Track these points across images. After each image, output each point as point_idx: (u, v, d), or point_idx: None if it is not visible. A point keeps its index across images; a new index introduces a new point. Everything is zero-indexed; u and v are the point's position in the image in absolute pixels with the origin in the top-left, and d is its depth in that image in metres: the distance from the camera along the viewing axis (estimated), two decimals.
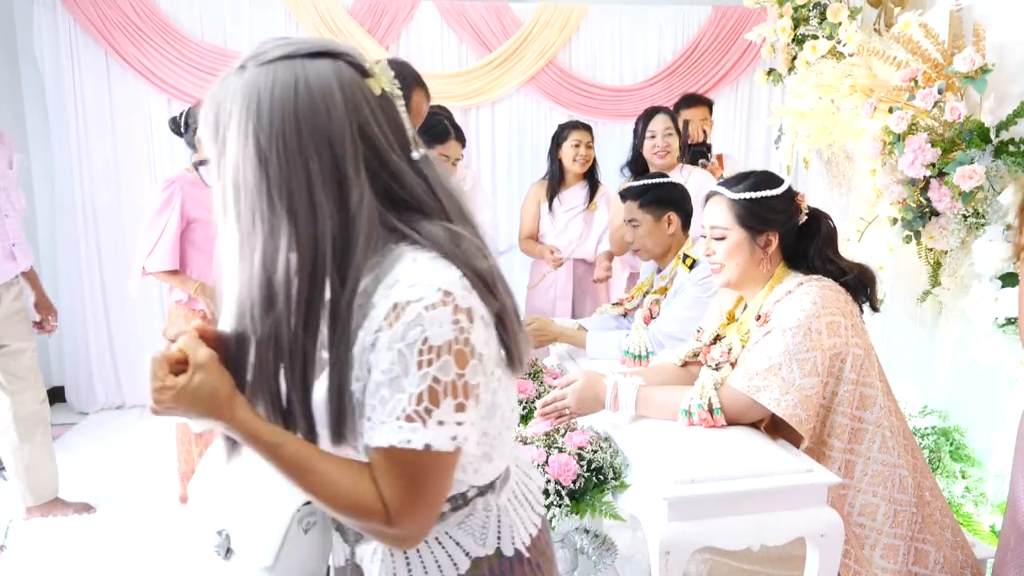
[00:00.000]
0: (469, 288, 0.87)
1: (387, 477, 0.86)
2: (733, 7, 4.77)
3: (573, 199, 3.54)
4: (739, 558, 1.72)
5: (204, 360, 0.86)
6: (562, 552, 1.75)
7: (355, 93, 0.88)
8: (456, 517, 0.98)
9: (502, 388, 0.97)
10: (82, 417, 4.37)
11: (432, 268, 0.86)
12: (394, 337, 0.83)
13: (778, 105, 4.25)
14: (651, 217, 2.37)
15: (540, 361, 2.31)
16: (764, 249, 1.70)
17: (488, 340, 0.89)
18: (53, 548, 2.87)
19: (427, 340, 0.82)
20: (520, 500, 1.05)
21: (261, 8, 4.49)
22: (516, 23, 4.70)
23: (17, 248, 2.73)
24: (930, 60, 2.13)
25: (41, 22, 4.20)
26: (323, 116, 0.85)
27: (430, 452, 0.84)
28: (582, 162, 3.47)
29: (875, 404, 1.62)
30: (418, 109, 2.22)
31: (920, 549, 1.67)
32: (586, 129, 3.53)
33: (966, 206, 2.01)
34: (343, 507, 0.88)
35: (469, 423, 0.86)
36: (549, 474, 1.57)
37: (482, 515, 1.00)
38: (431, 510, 0.89)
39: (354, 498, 0.87)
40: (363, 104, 0.88)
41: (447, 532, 0.98)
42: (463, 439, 0.86)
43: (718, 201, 1.73)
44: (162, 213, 2.83)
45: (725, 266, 1.73)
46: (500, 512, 1.01)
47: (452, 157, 2.55)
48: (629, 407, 1.70)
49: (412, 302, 0.83)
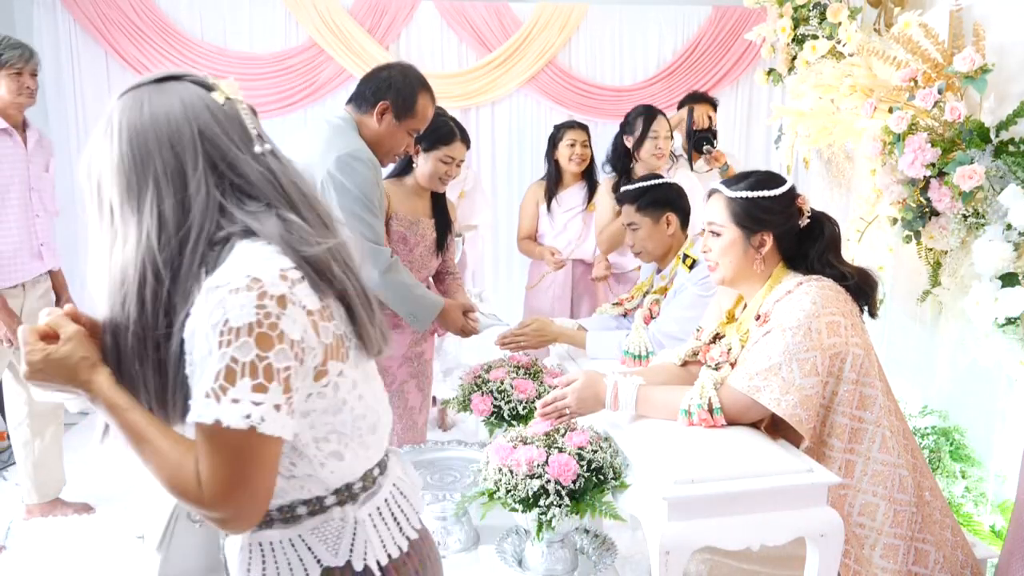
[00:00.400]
0: (291, 278, 0.93)
1: (202, 455, 0.91)
2: (733, 7, 4.77)
3: (571, 199, 3.53)
4: (739, 558, 1.72)
5: (71, 333, 0.97)
6: (562, 552, 1.75)
7: (195, 101, 1.00)
8: (312, 522, 1.02)
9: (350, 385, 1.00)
10: (82, 417, 4.37)
11: (254, 258, 0.93)
12: (203, 319, 0.89)
13: (778, 105, 4.25)
14: (650, 219, 2.37)
15: (540, 361, 2.31)
16: (758, 249, 1.70)
17: (311, 328, 0.94)
18: (53, 548, 2.87)
19: (228, 321, 0.88)
20: (386, 518, 1.07)
21: (261, 8, 4.49)
22: (516, 23, 4.70)
23: (45, 248, 2.85)
24: (930, 60, 2.13)
25: (41, 22, 4.20)
26: (163, 121, 0.97)
27: (233, 432, 0.88)
28: (578, 161, 3.46)
29: (875, 404, 1.62)
30: (423, 112, 2.24)
31: (920, 549, 1.67)
32: (582, 128, 3.53)
33: (966, 206, 2.01)
34: (168, 481, 0.93)
35: (271, 405, 0.89)
36: (549, 474, 1.57)
37: (337, 524, 1.03)
38: (248, 496, 0.91)
39: (177, 472, 0.92)
40: (203, 110, 0.99)
41: (301, 536, 1.02)
42: (259, 420, 0.88)
43: (717, 198, 1.75)
44: None
45: (720, 263, 1.75)
46: (357, 524, 1.03)
47: (457, 158, 2.54)
48: (629, 407, 1.70)
49: (220, 287, 0.90)
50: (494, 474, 1.62)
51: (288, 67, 4.51)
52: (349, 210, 2.09)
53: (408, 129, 2.23)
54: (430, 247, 2.61)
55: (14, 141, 2.77)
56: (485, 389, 2.11)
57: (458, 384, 2.22)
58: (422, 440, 2.55)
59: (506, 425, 2.06)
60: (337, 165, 2.09)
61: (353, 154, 2.11)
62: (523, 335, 2.45)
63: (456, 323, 2.43)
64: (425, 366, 2.71)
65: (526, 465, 1.58)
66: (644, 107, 3.24)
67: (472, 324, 2.45)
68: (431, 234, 2.61)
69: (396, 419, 2.64)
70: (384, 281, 2.16)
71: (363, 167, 2.11)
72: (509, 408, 2.06)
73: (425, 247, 2.59)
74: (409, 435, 2.63)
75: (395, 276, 2.20)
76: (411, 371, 2.65)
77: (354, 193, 2.09)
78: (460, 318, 2.44)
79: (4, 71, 2.66)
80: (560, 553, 1.74)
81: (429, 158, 2.51)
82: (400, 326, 2.55)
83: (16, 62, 2.67)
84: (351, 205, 2.09)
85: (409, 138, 2.27)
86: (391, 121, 2.20)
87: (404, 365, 2.62)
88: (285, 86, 4.51)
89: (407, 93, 2.19)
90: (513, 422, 2.06)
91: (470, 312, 2.48)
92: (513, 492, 1.58)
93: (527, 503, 1.58)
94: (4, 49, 2.66)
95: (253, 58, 4.47)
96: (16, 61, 2.67)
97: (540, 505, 1.57)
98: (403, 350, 2.61)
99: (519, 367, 2.22)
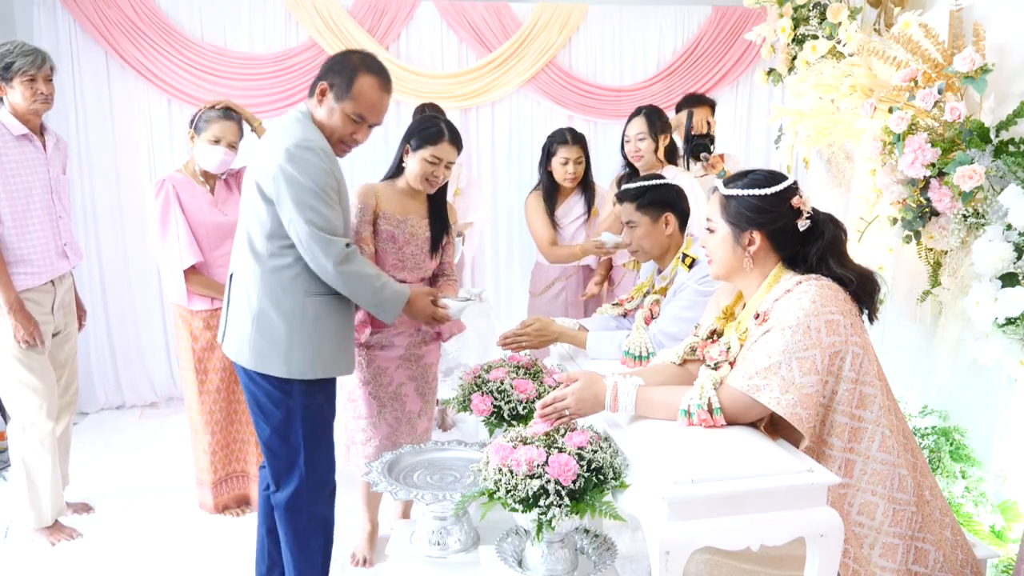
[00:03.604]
0: None
1: None
2: (733, 7, 4.78)
3: (573, 210, 3.45)
4: (739, 558, 1.72)
5: None
6: (562, 552, 1.75)
7: None
8: None
9: None
10: (82, 417, 4.38)
11: None
12: None
13: (778, 105, 4.25)
14: (648, 218, 2.37)
15: (540, 361, 2.31)
16: (747, 247, 1.70)
17: None
18: (53, 548, 2.87)
19: None
20: None
21: (261, 8, 4.49)
22: (516, 23, 4.70)
23: (69, 247, 2.95)
24: (930, 60, 2.13)
25: (41, 22, 4.20)
26: None
27: None
28: (571, 179, 3.35)
29: (874, 403, 1.62)
30: (366, 96, 2.12)
31: (920, 548, 1.67)
32: (576, 143, 3.34)
33: (966, 206, 2.01)
34: None
35: None
36: (549, 474, 1.57)
37: None
38: None
39: None
40: None
41: None
42: None
43: (715, 195, 1.77)
44: (168, 214, 2.89)
45: (713, 259, 1.78)
46: None
47: (444, 160, 2.49)
48: (629, 408, 1.70)
49: None
50: (494, 474, 1.62)
51: (288, 67, 4.51)
52: (301, 201, 2.02)
53: (351, 113, 2.12)
54: (422, 246, 2.59)
55: (34, 146, 2.80)
56: (485, 389, 2.11)
57: (458, 384, 2.21)
58: None
59: (506, 425, 2.06)
60: (286, 157, 2.03)
61: (301, 144, 2.04)
62: (525, 335, 2.45)
63: (424, 311, 2.35)
64: (426, 370, 2.69)
65: (526, 465, 1.58)
66: (636, 110, 3.27)
67: (442, 311, 2.37)
68: (423, 233, 2.58)
69: (395, 422, 2.64)
70: (338, 272, 2.07)
71: (313, 156, 2.04)
72: (509, 408, 2.06)
73: (416, 246, 2.57)
74: (408, 440, 2.63)
75: (351, 267, 2.09)
76: (409, 373, 2.64)
77: (305, 184, 2.02)
78: (428, 306, 2.35)
79: (18, 79, 2.68)
80: (560, 553, 1.74)
81: (416, 158, 2.49)
82: (397, 325, 2.54)
83: (29, 69, 2.68)
84: (302, 196, 2.02)
85: (356, 126, 2.15)
86: (331, 103, 2.11)
87: (402, 367, 2.61)
88: (285, 86, 4.51)
89: (346, 73, 2.10)
90: (513, 422, 2.06)
91: (439, 299, 2.39)
92: (513, 492, 1.58)
93: (527, 503, 1.58)
94: (16, 57, 2.67)
95: (253, 58, 4.47)
96: (28, 68, 2.68)
97: (540, 505, 1.57)
98: (400, 351, 2.60)
99: (519, 367, 2.22)
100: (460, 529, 2.02)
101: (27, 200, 2.76)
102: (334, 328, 2.19)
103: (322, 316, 2.15)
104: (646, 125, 3.20)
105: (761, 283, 1.73)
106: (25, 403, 2.82)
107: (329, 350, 2.18)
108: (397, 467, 2.13)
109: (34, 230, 2.79)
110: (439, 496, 1.95)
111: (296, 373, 2.13)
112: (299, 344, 2.12)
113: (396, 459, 2.16)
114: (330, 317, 2.17)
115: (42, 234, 2.81)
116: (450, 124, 2.55)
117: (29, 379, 2.80)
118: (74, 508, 3.13)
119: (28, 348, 2.76)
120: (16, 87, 2.68)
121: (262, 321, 2.11)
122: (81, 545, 2.90)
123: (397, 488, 1.98)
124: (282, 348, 2.11)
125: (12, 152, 2.72)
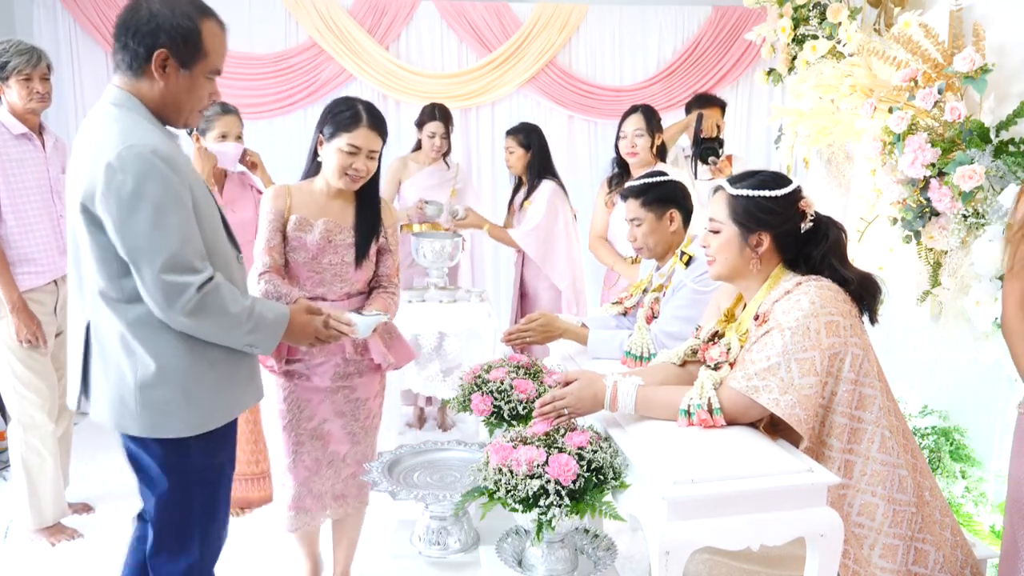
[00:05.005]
0: None
1: None
2: (733, 7, 4.78)
3: None
4: (739, 558, 1.71)
5: None
6: (562, 552, 1.75)
7: None
8: None
9: None
10: (82, 417, 4.37)
11: None
12: None
13: (778, 105, 4.25)
14: (653, 215, 2.37)
15: (540, 361, 2.31)
16: (755, 248, 1.70)
17: None
18: (53, 548, 2.87)
19: None
20: None
21: (261, 8, 4.49)
22: (516, 23, 4.70)
23: None
24: (930, 60, 2.13)
25: (41, 22, 4.20)
26: None
27: None
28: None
29: (874, 404, 1.62)
30: (214, 44, 1.68)
31: (920, 549, 1.67)
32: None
33: (966, 206, 2.01)
34: None
35: None
36: (549, 474, 1.57)
37: None
38: None
39: None
40: None
41: None
42: None
43: (720, 195, 1.75)
44: None
45: (716, 259, 1.76)
46: None
47: (364, 149, 2.10)
48: (628, 407, 1.70)
49: None
50: (494, 474, 1.62)
51: (288, 67, 4.51)
52: (133, 232, 1.54)
53: (206, 72, 1.67)
54: (343, 256, 2.19)
55: (34, 145, 2.80)
56: (485, 389, 2.11)
57: (458, 384, 2.21)
58: None
59: (506, 425, 2.06)
60: (107, 174, 1.52)
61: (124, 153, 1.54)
62: (530, 330, 2.44)
63: (307, 330, 1.88)
64: (357, 406, 2.27)
65: (526, 465, 1.58)
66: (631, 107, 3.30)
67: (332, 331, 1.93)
68: (345, 240, 2.19)
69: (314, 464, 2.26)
70: (192, 324, 1.61)
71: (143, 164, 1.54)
72: (509, 408, 2.06)
73: (335, 255, 2.18)
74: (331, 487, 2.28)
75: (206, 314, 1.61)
76: (336, 409, 2.25)
77: (136, 207, 1.53)
78: (309, 324, 1.88)
79: (13, 78, 2.67)
80: (560, 553, 1.74)
81: (331, 149, 2.12)
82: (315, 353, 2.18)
83: (24, 67, 2.67)
84: (135, 226, 1.54)
85: (212, 84, 1.71)
86: (178, 72, 1.62)
87: (327, 400, 2.24)
88: (285, 86, 4.51)
89: (185, 28, 1.61)
90: (513, 422, 2.05)
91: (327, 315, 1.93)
92: (513, 492, 1.58)
93: (527, 503, 1.58)
94: (11, 56, 2.67)
95: (253, 58, 4.47)
96: (24, 67, 2.67)
97: (540, 505, 1.57)
98: (325, 381, 2.22)
99: (519, 367, 2.22)
100: (460, 529, 2.02)
101: (27, 199, 2.76)
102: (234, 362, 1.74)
103: (219, 357, 1.70)
104: (644, 122, 3.21)
105: (762, 284, 1.73)
106: (26, 403, 2.82)
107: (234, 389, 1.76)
108: (397, 467, 2.14)
109: (36, 228, 2.78)
110: (439, 496, 1.95)
111: (199, 428, 1.68)
112: (197, 397, 1.67)
113: (396, 459, 2.16)
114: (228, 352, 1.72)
115: (43, 233, 2.80)
116: (370, 106, 2.16)
117: (30, 379, 2.79)
118: (74, 508, 3.12)
119: (30, 348, 2.76)
120: (12, 86, 2.68)
121: (148, 383, 1.62)
122: (81, 545, 2.90)
123: (398, 488, 1.98)
124: (177, 406, 1.65)
125: (12, 151, 2.72)
